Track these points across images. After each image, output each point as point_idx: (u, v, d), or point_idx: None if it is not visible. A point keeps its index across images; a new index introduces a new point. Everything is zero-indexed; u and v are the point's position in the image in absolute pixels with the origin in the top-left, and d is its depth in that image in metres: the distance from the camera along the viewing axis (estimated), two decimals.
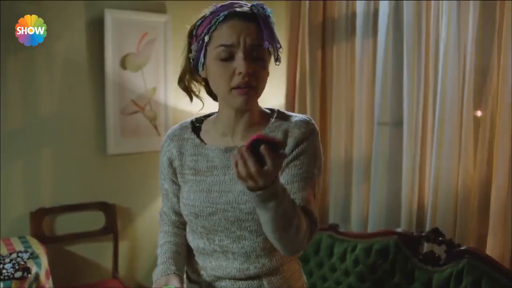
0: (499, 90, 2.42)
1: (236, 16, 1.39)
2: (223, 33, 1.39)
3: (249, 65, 1.36)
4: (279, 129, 1.46)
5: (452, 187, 2.63)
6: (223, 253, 1.47)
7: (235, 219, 1.43)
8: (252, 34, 1.37)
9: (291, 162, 1.43)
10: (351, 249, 2.76)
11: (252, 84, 1.37)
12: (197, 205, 1.47)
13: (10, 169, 3.14)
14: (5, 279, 2.43)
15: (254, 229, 1.42)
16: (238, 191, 1.42)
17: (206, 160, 1.49)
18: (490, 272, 2.26)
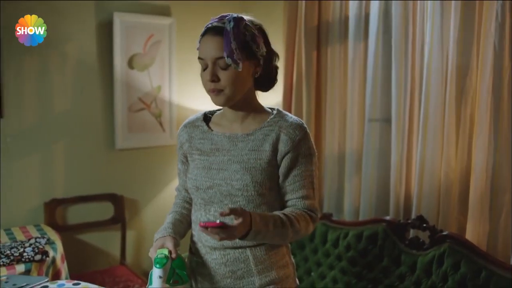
0: (478, 89, 2.52)
1: (209, 31, 1.63)
2: (200, 48, 1.65)
3: (212, 74, 1.61)
4: (276, 124, 1.69)
5: (436, 178, 2.73)
6: None
7: (228, 193, 1.66)
8: (215, 48, 1.60)
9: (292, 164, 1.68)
10: (344, 236, 2.91)
11: (217, 87, 1.62)
12: (198, 179, 1.71)
13: (26, 162, 3.31)
14: (26, 262, 2.63)
15: (242, 204, 1.65)
16: (232, 170, 1.66)
17: (211, 143, 1.73)
18: (468, 255, 2.42)
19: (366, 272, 2.77)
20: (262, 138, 1.69)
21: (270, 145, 1.67)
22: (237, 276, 1.71)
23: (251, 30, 1.63)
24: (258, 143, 1.68)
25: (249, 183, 1.64)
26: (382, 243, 2.76)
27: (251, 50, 1.63)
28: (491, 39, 2.44)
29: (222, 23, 1.61)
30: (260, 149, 1.68)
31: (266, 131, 1.69)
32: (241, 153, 1.69)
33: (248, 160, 1.67)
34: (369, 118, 3.10)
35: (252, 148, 1.68)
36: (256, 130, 1.70)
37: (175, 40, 3.71)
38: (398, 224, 2.77)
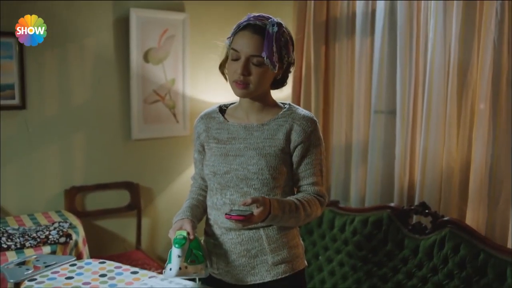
0: (478, 83, 2.67)
1: (248, 27, 1.77)
2: (236, 40, 1.78)
3: (245, 68, 1.75)
4: (289, 116, 1.86)
5: (438, 167, 2.87)
6: (231, 205, 1.84)
7: (244, 177, 1.81)
8: (253, 46, 1.74)
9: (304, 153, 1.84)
10: (350, 221, 3.06)
11: (246, 81, 1.77)
12: (216, 165, 1.86)
13: (47, 151, 3.48)
14: (52, 244, 2.81)
15: (257, 187, 1.81)
16: (248, 156, 1.82)
17: (227, 132, 1.89)
18: (468, 239, 2.59)
19: (371, 255, 2.93)
20: (276, 128, 1.84)
21: (283, 135, 1.83)
22: (251, 255, 1.86)
23: (286, 37, 1.79)
24: (272, 132, 1.84)
25: (264, 167, 1.80)
26: (386, 228, 2.91)
27: (281, 55, 1.77)
28: (491, 35, 2.59)
29: (263, 24, 1.75)
30: (274, 137, 1.83)
31: (280, 122, 1.85)
32: (256, 141, 1.84)
33: (264, 147, 1.82)
34: (375, 110, 3.23)
35: (267, 136, 1.84)
36: (271, 121, 1.86)
37: (189, 35, 3.84)
38: (402, 210, 2.92)
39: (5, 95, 3.29)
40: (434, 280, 2.65)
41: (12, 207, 3.37)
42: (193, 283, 1.97)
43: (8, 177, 3.35)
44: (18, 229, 2.97)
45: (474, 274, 2.51)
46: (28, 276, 2.06)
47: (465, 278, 2.53)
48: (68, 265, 2.18)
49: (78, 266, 2.16)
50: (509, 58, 2.57)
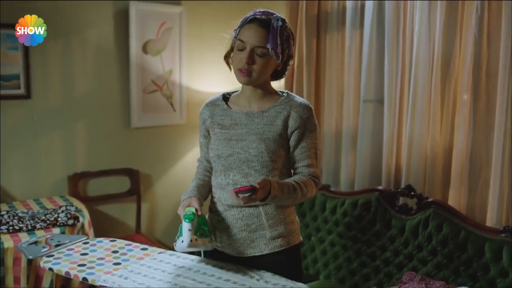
0: (459, 74, 2.86)
1: (254, 21, 1.94)
2: (243, 31, 1.95)
3: (250, 58, 1.93)
4: (287, 104, 2.03)
5: (422, 152, 3.05)
6: (234, 186, 2.00)
7: (245, 160, 1.99)
8: (259, 37, 1.92)
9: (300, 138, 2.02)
10: (341, 204, 3.24)
11: (250, 70, 1.95)
12: (220, 149, 2.04)
13: (51, 139, 3.61)
14: (61, 225, 2.97)
15: (257, 168, 1.99)
16: (250, 140, 2.00)
17: (230, 119, 2.06)
18: (450, 218, 2.79)
19: (360, 235, 3.12)
20: (275, 115, 2.01)
21: (281, 121, 2.00)
22: (251, 229, 2.03)
23: (288, 32, 1.97)
24: (271, 119, 2.01)
25: (264, 150, 1.98)
26: (375, 210, 3.10)
27: (283, 48, 1.95)
28: (471, 30, 2.78)
29: (268, 18, 1.92)
30: (273, 123, 2.00)
31: (279, 109, 2.02)
32: (257, 127, 2.01)
33: (263, 132, 1.99)
34: (364, 99, 3.40)
35: (266, 122, 2.01)
36: (270, 108, 2.02)
37: (185, 27, 3.98)
38: (389, 192, 3.11)
39: (11, 85, 3.42)
40: (419, 257, 2.86)
41: (18, 192, 3.51)
42: (198, 257, 2.14)
43: (14, 163, 3.49)
44: (27, 213, 3.12)
45: (456, 250, 2.72)
46: (46, 252, 2.21)
47: (447, 254, 2.74)
48: (81, 243, 2.33)
49: (91, 244, 2.30)
50: (488, 51, 2.77)
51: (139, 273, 1.99)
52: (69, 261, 2.11)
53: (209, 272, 2.00)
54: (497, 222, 2.74)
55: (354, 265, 3.10)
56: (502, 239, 2.61)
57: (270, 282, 1.91)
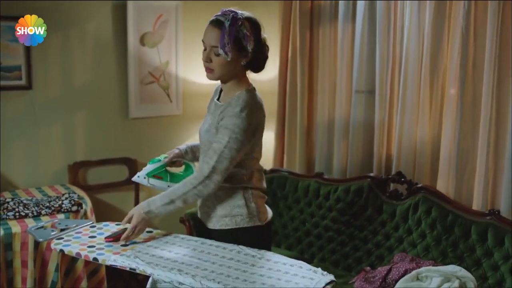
0: (448, 66, 2.99)
1: (212, 22, 2.08)
2: (204, 32, 2.11)
3: (207, 57, 2.10)
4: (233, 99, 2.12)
5: (412, 140, 3.18)
6: (201, 163, 2.19)
7: (202, 145, 2.24)
8: (213, 37, 2.07)
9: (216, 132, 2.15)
10: (334, 190, 3.38)
11: (211, 67, 2.11)
12: (199, 129, 2.29)
13: (51, 129, 3.69)
14: (65, 212, 3.07)
15: (203, 151, 2.20)
16: (205, 128, 2.22)
17: (211, 106, 2.26)
18: (438, 202, 2.94)
19: (353, 220, 3.27)
20: (222, 110, 2.14)
21: (219, 116, 2.14)
22: (207, 206, 2.26)
23: (243, 30, 2.06)
24: (219, 113, 2.14)
25: (206, 139, 2.18)
26: (366, 196, 3.24)
27: (242, 45, 2.06)
28: (459, 25, 2.91)
29: (224, 19, 2.05)
30: (217, 117, 2.15)
31: (225, 105, 2.14)
32: (213, 117, 2.18)
33: (213, 123, 2.16)
34: (356, 90, 3.52)
35: (215, 115, 2.17)
36: (226, 102, 2.15)
37: (181, 20, 4.04)
38: (380, 179, 3.25)
39: (12, 76, 3.49)
40: (409, 240, 3.00)
41: (20, 180, 3.60)
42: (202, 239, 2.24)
43: (16, 153, 3.57)
44: (31, 200, 3.22)
45: (444, 233, 2.87)
46: (56, 235, 2.31)
47: (436, 237, 2.89)
48: (89, 227, 2.43)
49: (98, 228, 2.40)
50: (475, 45, 2.91)
51: (147, 253, 2.08)
52: (79, 243, 2.19)
53: (213, 251, 2.10)
54: (483, 206, 2.89)
55: (347, 249, 3.24)
56: (487, 221, 2.76)
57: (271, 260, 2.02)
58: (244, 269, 1.93)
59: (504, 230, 2.69)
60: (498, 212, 2.77)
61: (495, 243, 2.70)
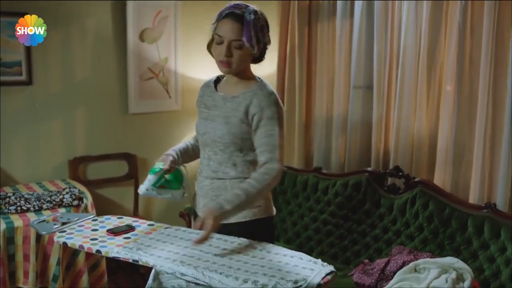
0: (445, 61, 3.03)
1: (230, 16, 2.05)
2: (220, 26, 2.07)
3: (228, 51, 2.07)
4: (254, 91, 2.14)
5: (410, 135, 3.22)
6: (208, 160, 2.22)
7: (213, 140, 2.18)
8: (234, 32, 2.06)
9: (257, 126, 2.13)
10: (332, 185, 3.40)
11: (229, 61, 2.09)
12: (198, 126, 2.26)
13: (52, 124, 3.71)
14: (66, 206, 3.10)
15: (222, 148, 2.17)
16: (218, 122, 2.17)
17: (212, 100, 2.23)
18: (435, 196, 2.98)
19: (351, 214, 3.30)
20: (242, 101, 2.15)
21: (244, 107, 2.14)
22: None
23: (261, 22, 2.10)
24: (238, 104, 2.15)
25: (226, 133, 2.15)
26: (364, 190, 3.27)
27: (258, 39, 2.09)
28: (456, 19, 2.95)
29: (242, 12, 2.05)
30: (237, 109, 2.15)
31: (247, 95, 2.16)
32: (226, 110, 2.17)
33: (229, 116, 2.15)
34: (354, 85, 3.56)
35: (233, 107, 2.16)
36: (241, 94, 2.17)
37: (180, 16, 4.07)
38: (378, 173, 3.29)
39: (13, 72, 3.51)
40: (406, 233, 3.04)
41: (21, 176, 3.62)
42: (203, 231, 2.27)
43: (17, 148, 3.59)
44: (32, 194, 3.24)
45: (441, 226, 2.91)
46: (58, 229, 2.33)
47: (433, 230, 2.93)
48: (90, 220, 2.45)
49: (100, 221, 2.41)
50: (471, 40, 2.95)
51: (149, 246, 2.11)
52: (81, 236, 2.21)
53: (214, 244, 2.13)
54: (479, 199, 2.93)
55: (345, 242, 3.28)
56: (483, 214, 2.80)
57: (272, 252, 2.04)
58: (245, 260, 1.95)
59: (500, 223, 2.74)
60: (494, 205, 2.81)
61: (491, 236, 2.74)
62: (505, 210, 2.81)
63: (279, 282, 1.75)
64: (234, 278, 1.79)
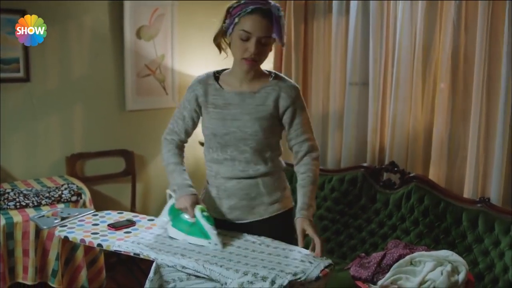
0: (439, 58, 3.07)
1: (258, 12, 1.97)
2: (246, 22, 1.98)
3: (256, 48, 2.02)
4: (276, 85, 2.15)
5: (405, 131, 3.25)
6: (232, 161, 2.16)
7: (241, 138, 2.13)
8: (264, 28, 2.00)
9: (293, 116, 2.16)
10: (328, 180, 3.44)
11: (255, 58, 2.05)
12: (215, 128, 2.14)
13: (49, 121, 3.73)
14: (65, 202, 3.12)
15: (253, 146, 2.14)
16: (245, 120, 2.12)
17: (223, 99, 2.14)
18: (430, 191, 3.02)
19: (347, 209, 3.33)
20: (266, 95, 2.15)
21: (272, 101, 2.14)
22: (251, 197, 2.18)
23: (284, 18, 2.09)
24: (263, 99, 2.14)
25: (258, 129, 2.12)
26: (360, 185, 3.30)
27: (281, 34, 2.07)
28: (450, 17, 2.99)
29: (267, 7, 2.00)
30: (265, 103, 2.14)
31: (269, 90, 2.15)
32: (249, 107, 2.14)
33: (257, 112, 2.13)
34: (350, 82, 3.58)
35: (258, 103, 2.14)
36: (261, 89, 2.15)
37: (177, 13, 4.10)
38: (374, 169, 3.32)
39: (11, 69, 3.52)
40: (402, 227, 3.08)
41: (19, 172, 3.63)
42: None
43: (14, 145, 3.60)
44: (31, 190, 3.26)
45: (436, 220, 2.95)
46: (59, 223, 2.35)
47: (428, 224, 2.97)
48: (91, 215, 2.47)
49: (100, 216, 2.43)
50: (466, 37, 2.99)
51: (149, 240, 2.12)
52: (83, 230, 2.22)
53: None
54: (473, 194, 2.98)
55: (342, 237, 3.31)
56: (477, 209, 2.85)
57: (271, 246, 2.08)
58: (245, 254, 1.97)
59: (494, 217, 2.78)
60: (488, 199, 2.85)
61: (486, 230, 2.78)
62: (499, 204, 2.85)
63: (279, 275, 1.78)
64: (235, 271, 1.82)
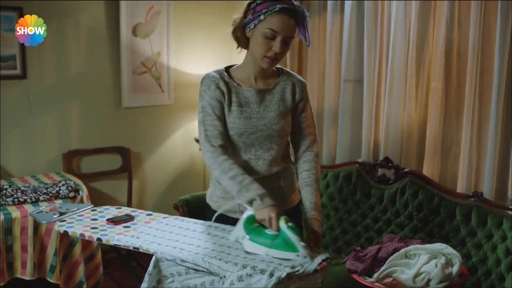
0: (433, 55, 3.11)
1: (286, 12, 1.98)
2: (274, 21, 1.98)
3: (282, 47, 2.04)
4: (289, 79, 2.20)
5: (399, 127, 3.29)
6: (256, 160, 2.17)
7: (269, 136, 2.14)
8: (291, 29, 2.03)
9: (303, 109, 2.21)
10: (323, 176, 3.46)
11: (278, 57, 2.07)
12: (242, 127, 2.12)
13: (46, 118, 3.74)
14: (62, 198, 3.14)
15: (279, 142, 2.16)
16: (270, 117, 2.13)
17: (243, 97, 2.13)
18: (424, 186, 3.06)
19: (342, 205, 3.37)
20: (282, 90, 2.17)
21: (290, 95, 2.17)
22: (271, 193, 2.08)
23: (308, 19, 2.09)
24: (281, 94, 2.16)
25: (285, 125, 2.16)
26: (355, 181, 3.34)
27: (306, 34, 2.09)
28: (444, 15, 3.03)
29: (292, 7, 2.01)
30: (284, 98, 2.16)
31: (283, 84, 2.18)
32: (271, 104, 2.15)
33: (279, 108, 2.15)
34: (344, 79, 3.61)
35: (278, 98, 2.16)
36: (276, 85, 2.18)
37: (173, 11, 4.12)
38: (369, 165, 3.36)
39: (7, 66, 3.53)
40: (397, 222, 3.13)
41: (15, 169, 3.65)
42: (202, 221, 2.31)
43: (11, 142, 3.62)
44: (28, 187, 3.28)
45: (430, 214, 3.00)
46: (58, 218, 2.37)
47: (422, 218, 3.02)
48: (89, 210, 2.49)
49: (99, 211, 2.45)
50: (459, 34, 3.03)
51: (149, 234, 2.15)
52: (82, 225, 2.24)
53: (212, 233, 2.18)
54: (467, 188, 3.03)
55: (336, 232, 3.35)
56: (471, 203, 2.89)
57: None
58: None
59: (487, 211, 2.83)
60: (481, 194, 2.90)
61: (479, 223, 2.83)
62: (492, 199, 2.91)
63: (277, 268, 1.80)
64: (233, 264, 1.84)
